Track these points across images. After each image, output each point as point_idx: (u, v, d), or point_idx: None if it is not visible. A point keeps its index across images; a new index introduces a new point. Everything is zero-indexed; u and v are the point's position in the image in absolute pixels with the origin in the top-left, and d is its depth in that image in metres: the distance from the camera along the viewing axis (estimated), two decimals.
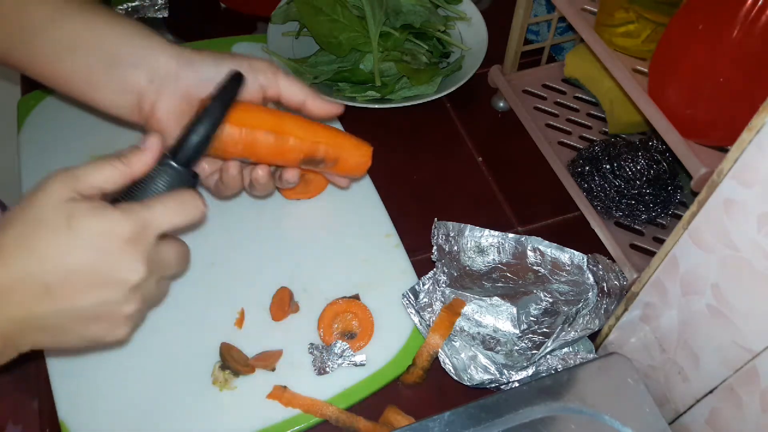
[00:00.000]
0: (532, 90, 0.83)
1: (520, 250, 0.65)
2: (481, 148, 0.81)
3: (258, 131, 0.55)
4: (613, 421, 0.54)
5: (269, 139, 0.56)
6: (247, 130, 0.55)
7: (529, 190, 0.77)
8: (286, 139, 0.56)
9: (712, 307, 0.48)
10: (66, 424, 0.56)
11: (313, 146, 0.58)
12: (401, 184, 0.77)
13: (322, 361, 0.60)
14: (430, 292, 0.63)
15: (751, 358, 0.46)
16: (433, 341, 0.60)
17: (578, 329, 0.59)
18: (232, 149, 0.55)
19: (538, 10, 0.85)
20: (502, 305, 0.61)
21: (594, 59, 0.74)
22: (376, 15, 0.80)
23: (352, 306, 0.64)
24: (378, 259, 0.68)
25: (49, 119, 0.78)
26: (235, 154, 0.56)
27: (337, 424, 0.58)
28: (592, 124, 0.80)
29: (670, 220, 0.71)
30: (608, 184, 0.69)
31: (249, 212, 0.71)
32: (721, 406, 0.51)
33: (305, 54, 0.85)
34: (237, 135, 0.54)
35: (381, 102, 0.80)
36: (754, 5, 0.47)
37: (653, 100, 0.58)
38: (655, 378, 0.57)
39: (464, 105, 0.85)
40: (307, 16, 0.81)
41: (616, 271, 0.64)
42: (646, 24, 0.59)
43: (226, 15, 0.94)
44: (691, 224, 0.48)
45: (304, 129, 0.58)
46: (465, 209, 0.75)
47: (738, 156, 0.42)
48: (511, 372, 0.60)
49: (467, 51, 0.86)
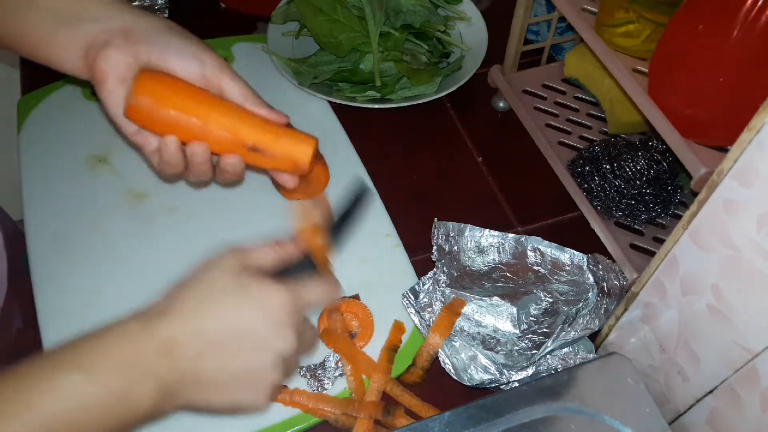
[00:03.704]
0: (532, 90, 0.83)
1: (520, 250, 0.65)
2: (481, 148, 0.81)
3: (171, 108, 0.54)
4: (613, 421, 0.54)
5: (187, 118, 0.54)
6: (157, 103, 0.53)
7: (529, 190, 0.77)
8: (207, 123, 0.54)
9: (712, 307, 0.48)
10: None
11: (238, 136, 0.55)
12: (401, 184, 0.77)
13: (318, 379, 0.60)
14: (430, 292, 0.63)
15: (751, 358, 0.46)
16: (433, 341, 0.60)
17: (578, 329, 0.59)
18: (146, 119, 0.54)
19: (538, 10, 0.85)
20: (502, 305, 0.61)
21: (594, 59, 0.74)
22: (376, 15, 0.80)
23: (352, 306, 0.64)
24: (378, 259, 0.68)
25: (49, 119, 0.78)
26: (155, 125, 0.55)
27: (336, 425, 0.58)
28: (592, 124, 0.80)
29: (670, 220, 0.71)
30: (608, 184, 0.69)
31: (249, 213, 0.71)
32: (721, 406, 0.51)
33: (305, 54, 0.85)
34: (148, 104, 0.53)
35: (381, 102, 0.80)
36: (754, 5, 0.47)
37: (653, 100, 0.58)
38: (655, 378, 0.57)
39: (464, 105, 0.85)
40: (307, 16, 0.81)
41: (616, 271, 0.64)
42: (646, 24, 0.59)
43: (226, 15, 0.94)
44: (691, 224, 0.48)
45: (230, 116, 0.55)
46: (465, 209, 0.75)
47: (738, 156, 0.42)
48: (511, 372, 0.60)
49: (467, 51, 0.86)
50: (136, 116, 0.54)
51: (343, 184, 0.72)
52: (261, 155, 0.56)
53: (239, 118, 0.55)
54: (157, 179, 0.73)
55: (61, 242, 0.68)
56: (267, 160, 0.56)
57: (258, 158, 0.56)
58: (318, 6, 0.80)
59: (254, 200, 0.72)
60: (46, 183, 0.72)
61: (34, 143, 0.75)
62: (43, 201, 0.71)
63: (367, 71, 0.81)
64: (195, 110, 0.54)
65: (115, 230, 0.69)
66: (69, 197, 0.71)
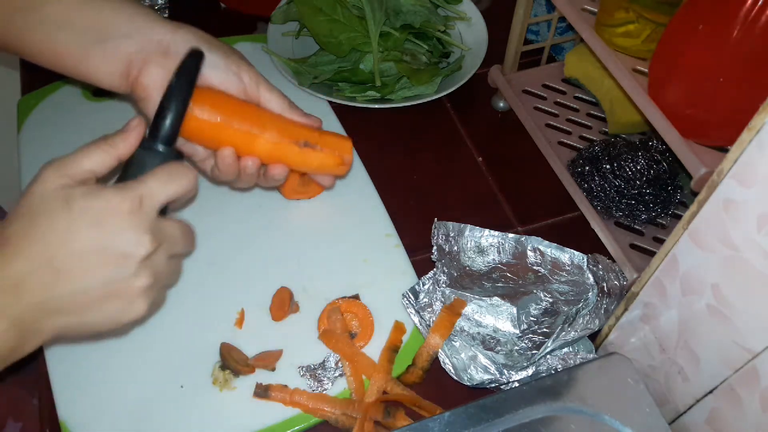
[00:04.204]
0: (532, 90, 0.83)
1: (520, 250, 0.65)
2: (481, 148, 0.81)
3: (234, 120, 0.56)
4: (613, 421, 0.54)
5: (247, 129, 0.57)
6: (224, 118, 0.56)
7: (529, 190, 0.77)
8: (263, 131, 0.58)
9: (712, 307, 0.48)
10: (66, 424, 0.56)
11: (293, 138, 0.59)
12: (401, 184, 0.77)
13: (318, 379, 0.60)
14: (430, 292, 0.63)
15: (751, 358, 0.46)
16: (433, 341, 0.60)
17: (578, 329, 0.59)
18: (203, 132, 0.56)
19: (538, 10, 0.85)
20: (502, 305, 0.61)
21: (594, 59, 0.74)
22: (376, 15, 0.80)
23: (352, 306, 0.64)
24: (378, 259, 0.68)
25: (49, 119, 0.78)
26: (215, 140, 0.57)
27: (336, 425, 0.58)
28: (592, 124, 0.80)
29: (670, 220, 0.71)
30: (608, 184, 0.69)
31: (249, 212, 0.71)
32: (721, 406, 0.51)
33: (305, 54, 0.85)
34: (209, 118, 0.55)
35: (381, 102, 0.80)
36: (754, 5, 0.47)
37: (653, 100, 0.58)
38: (655, 378, 0.57)
39: (464, 105, 0.85)
40: (307, 16, 0.81)
41: (616, 271, 0.64)
42: (646, 24, 0.59)
43: (226, 15, 0.94)
44: (691, 224, 0.48)
45: (283, 123, 0.59)
46: (465, 209, 0.75)
47: (738, 156, 0.42)
48: (511, 372, 0.60)
49: (467, 51, 0.86)
50: (194, 130, 0.56)
51: (344, 185, 0.73)
52: (312, 150, 0.60)
53: (288, 123, 0.60)
54: None
55: None
56: (316, 155, 0.61)
57: (308, 155, 0.60)
58: (318, 6, 0.80)
59: (254, 200, 0.72)
60: None
61: (34, 143, 0.75)
62: None
63: (367, 71, 0.81)
64: (253, 121, 0.57)
65: None
66: None
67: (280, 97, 0.60)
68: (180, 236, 0.50)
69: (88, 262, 0.45)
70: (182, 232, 0.51)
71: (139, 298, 0.47)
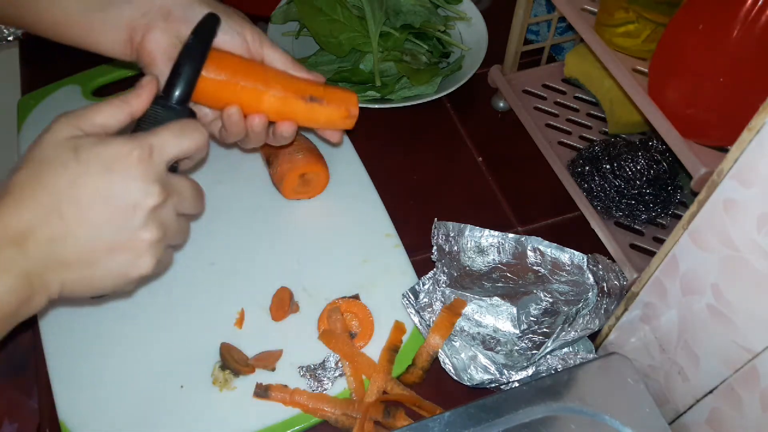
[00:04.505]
0: (532, 90, 0.83)
1: (520, 250, 0.65)
2: (481, 148, 0.81)
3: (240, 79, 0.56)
4: (613, 421, 0.54)
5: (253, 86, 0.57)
6: (228, 76, 0.56)
7: (529, 190, 0.77)
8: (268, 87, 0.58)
9: (712, 307, 0.48)
10: (66, 424, 0.56)
11: (298, 91, 0.59)
12: (401, 184, 0.77)
13: (318, 379, 0.60)
14: (430, 292, 0.63)
15: (751, 358, 0.46)
16: (433, 341, 0.60)
17: (578, 329, 0.59)
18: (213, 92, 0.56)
19: (538, 10, 0.85)
20: (502, 305, 0.61)
21: (594, 59, 0.74)
22: (376, 15, 0.80)
23: (352, 306, 0.64)
24: (378, 259, 0.68)
25: (49, 119, 0.77)
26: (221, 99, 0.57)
27: (336, 425, 0.58)
28: (592, 124, 0.80)
29: (670, 220, 0.71)
30: (608, 184, 0.69)
31: (249, 212, 0.71)
32: (721, 406, 0.51)
33: (305, 54, 0.85)
34: (218, 78, 0.55)
35: (381, 102, 0.80)
36: (754, 5, 0.47)
37: (653, 100, 0.58)
38: (655, 378, 0.57)
39: (464, 105, 0.85)
40: (307, 16, 0.81)
41: (616, 271, 0.64)
42: (646, 24, 0.59)
43: None
44: (691, 224, 0.48)
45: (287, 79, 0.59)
46: (465, 209, 0.75)
47: (738, 156, 0.42)
48: (511, 372, 0.60)
49: (467, 51, 0.86)
50: (205, 91, 0.56)
51: (344, 185, 0.73)
52: (318, 104, 0.60)
53: (293, 78, 0.59)
54: None
55: None
56: (323, 110, 0.60)
57: (315, 110, 0.60)
58: (318, 6, 0.80)
59: (254, 200, 0.72)
60: None
61: None
62: None
63: (367, 71, 0.81)
64: (258, 78, 0.57)
65: None
66: None
67: (283, 55, 0.60)
68: (190, 193, 0.50)
69: (95, 211, 0.44)
70: (192, 189, 0.50)
71: (146, 252, 0.46)
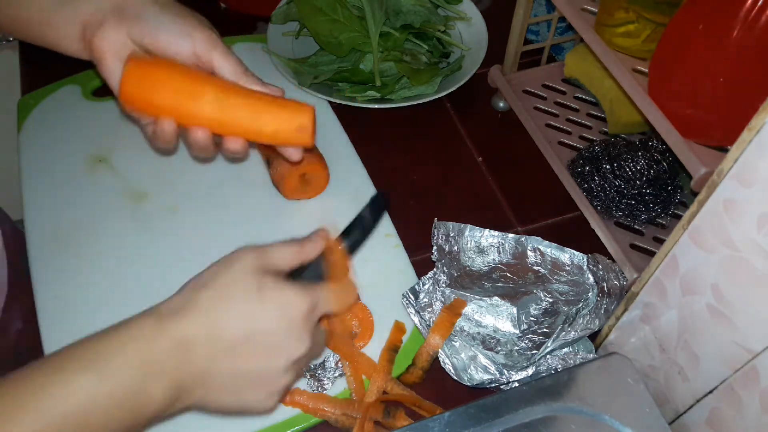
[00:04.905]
0: (532, 90, 0.83)
1: (520, 250, 0.65)
2: (481, 148, 0.81)
3: (157, 97, 0.54)
4: (613, 421, 0.54)
5: (177, 104, 0.55)
6: (144, 92, 0.54)
7: (529, 190, 0.77)
8: (198, 105, 0.55)
9: (712, 307, 0.48)
10: None
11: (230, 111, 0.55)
12: (401, 184, 0.77)
13: (318, 379, 0.60)
14: (430, 292, 0.63)
15: (751, 358, 0.46)
16: (433, 342, 0.60)
17: (578, 329, 0.59)
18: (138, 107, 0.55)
19: (538, 10, 0.85)
20: (502, 305, 0.61)
21: (594, 59, 0.74)
22: (376, 15, 0.80)
23: (352, 306, 0.64)
24: (378, 259, 0.68)
25: (49, 119, 0.78)
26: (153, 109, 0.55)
27: (336, 425, 0.58)
28: (592, 124, 0.80)
29: (670, 220, 0.71)
30: (608, 184, 0.69)
31: (249, 212, 0.71)
32: (721, 406, 0.51)
33: (305, 54, 0.85)
34: (136, 95, 0.54)
35: (381, 102, 0.80)
36: (754, 5, 0.47)
37: (653, 100, 0.58)
38: (655, 378, 0.57)
39: (464, 105, 0.85)
40: (307, 16, 0.81)
41: (616, 271, 0.64)
42: (646, 24, 0.59)
43: (226, 15, 0.94)
44: (691, 224, 0.48)
45: (223, 94, 0.55)
46: (465, 209, 0.75)
47: (738, 156, 0.42)
48: (511, 372, 0.60)
49: (467, 51, 0.86)
50: (129, 105, 0.56)
51: (344, 185, 0.73)
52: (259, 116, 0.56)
53: (234, 95, 0.56)
54: (157, 179, 0.73)
55: (61, 242, 0.67)
56: (269, 122, 0.56)
57: (258, 121, 0.56)
58: (318, 6, 0.80)
59: (254, 200, 0.72)
60: (46, 183, 0.72)
61: (34, 143, 0.75)
62: (43, 201, 0.71)
63: (367, 71, 0.81)
64: (184, 95, 0.55)
65: (116, 230, 0.69)
66: (69, 197, 0.71)
67: (235, 63, 0.57)
68: (322, 343, 0.53)
69: (258, 347, 0.46)
70: (324, 339, 0.53)
71: (275, 394, 0.49)
